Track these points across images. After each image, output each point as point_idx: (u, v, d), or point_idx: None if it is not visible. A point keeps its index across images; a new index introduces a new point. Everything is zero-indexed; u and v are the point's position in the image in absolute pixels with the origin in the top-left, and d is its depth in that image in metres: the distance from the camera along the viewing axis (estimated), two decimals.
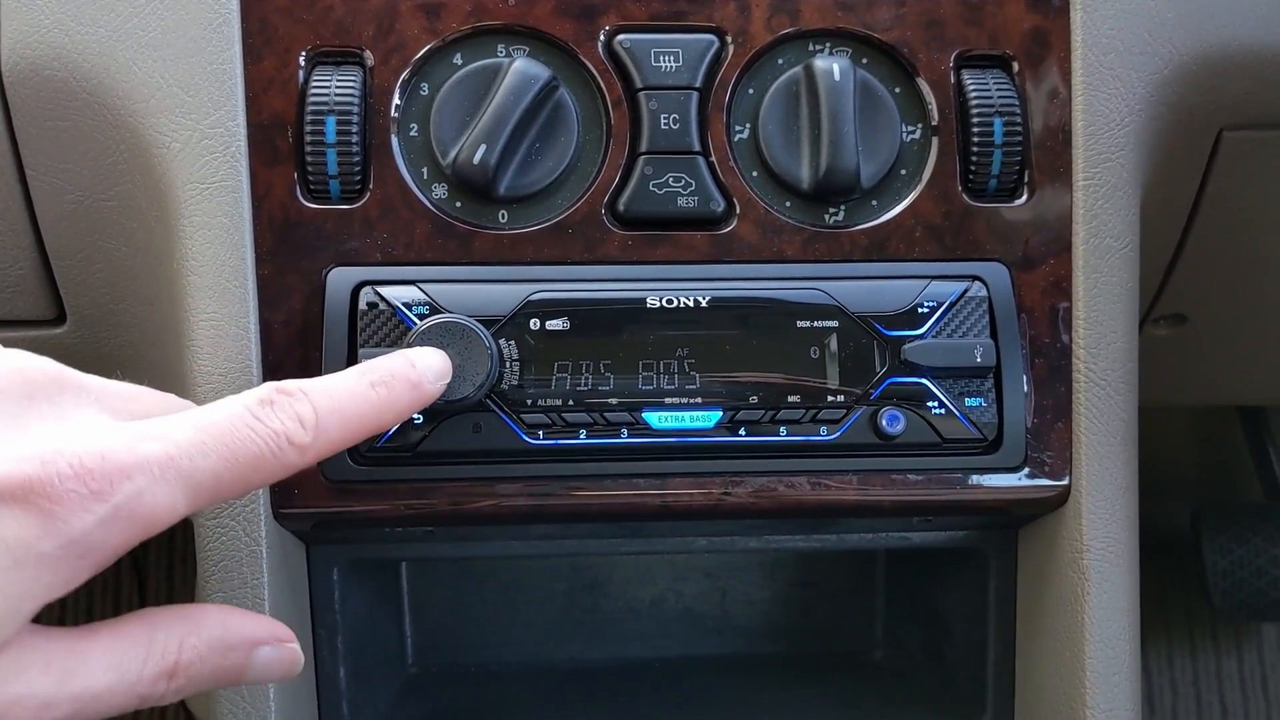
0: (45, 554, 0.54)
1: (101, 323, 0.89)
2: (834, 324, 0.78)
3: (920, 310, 0.79)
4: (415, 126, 0.79)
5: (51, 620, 0.56)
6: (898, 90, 0.82)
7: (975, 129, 0.81)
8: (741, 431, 0.77)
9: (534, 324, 0.76)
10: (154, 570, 1.80)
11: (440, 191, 0.79)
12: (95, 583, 1.77)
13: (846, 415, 0.78)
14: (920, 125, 0.82)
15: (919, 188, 0.81)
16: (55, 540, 0.54)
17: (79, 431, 0.57)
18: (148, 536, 0.57)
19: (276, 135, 0.78)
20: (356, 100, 0.78)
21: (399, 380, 0.66)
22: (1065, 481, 0.81)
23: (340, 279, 0.77)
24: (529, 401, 0.76)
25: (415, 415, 0.75)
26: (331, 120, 0.77)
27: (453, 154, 0.78)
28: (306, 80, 0.79)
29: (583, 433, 0.77)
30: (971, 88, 0.81)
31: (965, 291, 0.79)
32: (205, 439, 0.58)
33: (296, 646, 0.65)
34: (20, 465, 0.54)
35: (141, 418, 0.60)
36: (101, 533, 0.55)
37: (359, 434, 0.65)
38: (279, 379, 0.64)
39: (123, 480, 0.55)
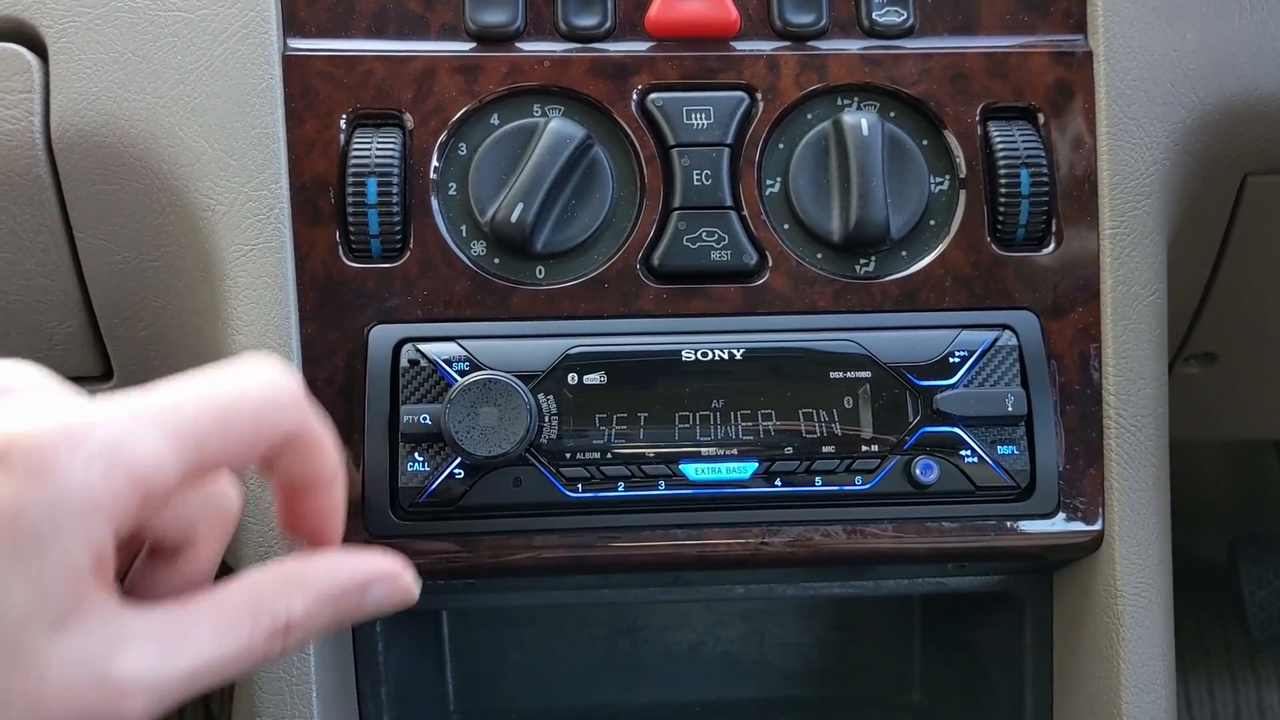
0: (47, 511, 0.51)
1: (148, 379, 0.89)
2: (867, 374, 0.79)
3: (951, 360, 0.80)
4: (454, 186, 0.81)
5: None
6: (925, 143, 0.83)
7: (1002, 180, 0.82)
8: (777, 482, 0.78)
9: (572, 378, 0.78)
10: None
11: (479, 249, 0.81)
12: None
13: (881, 465, 0.79)
14: (948, 177, 0.83)
15: (948, 238, 0.83)
16: (48, 491, 0.51)
17: (42, 401, 0.55)
18: (149, 497, 0.53)
19: (319, 196, 0.80)
20: (396, 161, 0.80)
21: None
22: (1098, 526, 0.82)
23: (382, 336, 0.79)
24: (568, 455, 0.77)
25: (456, 470, 0.76)
26: (372, 181, 0.79)
27: (491, 212, 0.80)
28: (347, 143, 0.80)
29: (621, 485, 0.78)
30: (998, 139, 0.82)
31: (995, 340, 0.80)
32: (178, 389, 0.56)
33: (408, 579, 0.61)
34: None
35: None
36: (93, 479, 0.51)
37: (325, 457, 0.61)
38: None
39: (95, 427, 0.52)
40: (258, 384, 0.57)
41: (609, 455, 0.78)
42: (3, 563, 0.50)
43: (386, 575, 0.60)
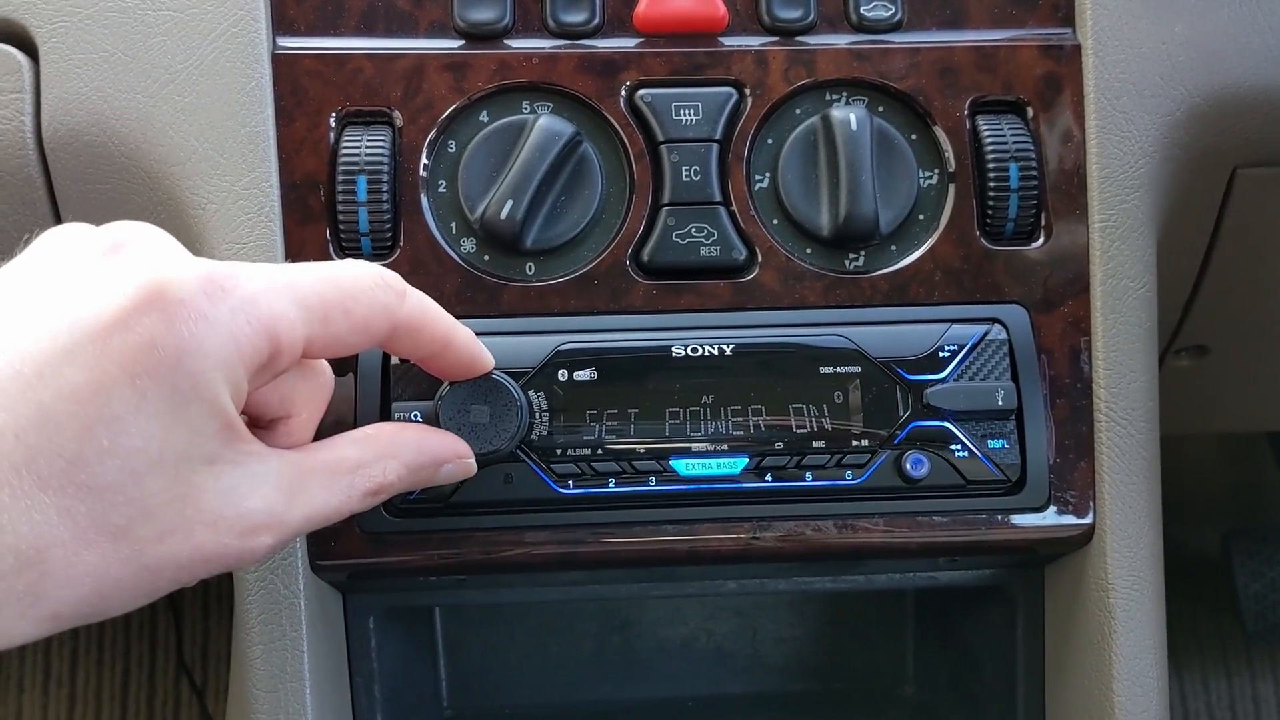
0: (202, 356, 0.55)
1: None
2: (856, 369, 0.79)
3: (941, 354, 0.80)
4: (443, 183, 0.81)
5: (71, 660, 0.57)
6: (914, 137, 0.83)
7: (991, 174, 0.82)
8: (768, 477, 0.79)
9: (562, 375, 0.78)
10: (190, 609, 1.82)
11: (469, 246, 0.81)
12: (132, 621, 1.79)
13: (871, 459, 0.79)
14: (937, 171, 0.83)
15: (937, 232, 0.83)
16: (203, 336, 0.55)
17: (171, 252, 0.59)
18: (277, 356, 0.59)
19: (309, 195, 0.80)
20: (386, 159, 0.80)
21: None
22: (1089, 520, 0.82)
23: None
24: (559, 451, 0.77)
25: None
26: (362, 179, 0.79)
27: (480, 209, 0.80)
28: (337, 141, 0.81)
29: (612, 481, 0.78)
30: (987, 133, 0.82)
31: (985, 334, 0.80)
32: (303, 266, 0.62)
33: (472, 461, 0.71)
34: (134, 283, 0.55)
35: None
36: (239, 327, 0.57)
37: (437, 327, 0.68)
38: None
39: (236, 284, 0.57)
40: (371, 277, 0.63)
41: (600, 451, 0.78)
42: (163, 404, 0.55)
43: (458, 455, 0.70)
